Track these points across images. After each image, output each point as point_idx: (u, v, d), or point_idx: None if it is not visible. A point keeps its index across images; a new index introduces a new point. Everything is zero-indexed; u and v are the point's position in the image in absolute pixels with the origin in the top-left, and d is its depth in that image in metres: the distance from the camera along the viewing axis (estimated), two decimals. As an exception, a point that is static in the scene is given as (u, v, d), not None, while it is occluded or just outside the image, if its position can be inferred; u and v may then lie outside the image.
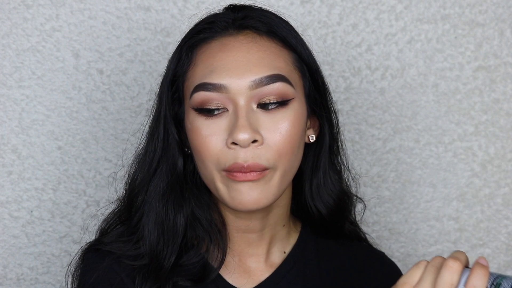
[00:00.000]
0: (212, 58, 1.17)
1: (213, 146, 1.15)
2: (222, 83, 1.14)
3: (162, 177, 1.21)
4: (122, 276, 1.20)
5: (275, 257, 1.25)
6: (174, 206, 1.20)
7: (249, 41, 1.18)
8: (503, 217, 1.65)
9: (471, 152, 1.64)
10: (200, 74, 1.17)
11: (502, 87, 1.63)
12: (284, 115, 1.15)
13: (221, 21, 1.20)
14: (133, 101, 1.58)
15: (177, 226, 1.20)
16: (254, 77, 1.15)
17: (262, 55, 1.17)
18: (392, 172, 1.64)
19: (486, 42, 1.62)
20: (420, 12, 1.61)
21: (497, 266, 1.66)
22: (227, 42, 1.18)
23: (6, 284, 1.59)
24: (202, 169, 1.18)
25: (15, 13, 1.55)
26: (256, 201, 1.15)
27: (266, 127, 1.15)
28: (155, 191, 1.20)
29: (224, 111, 1.15)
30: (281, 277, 1.24)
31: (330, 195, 1.25)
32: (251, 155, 1.13)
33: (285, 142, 1.15)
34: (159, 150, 1.21)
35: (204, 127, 1.15)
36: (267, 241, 1.24)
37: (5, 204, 1.57)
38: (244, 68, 1.15)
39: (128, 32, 1.57)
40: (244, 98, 1.14)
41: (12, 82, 1.56)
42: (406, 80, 1.62)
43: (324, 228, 1.27)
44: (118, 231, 1.24)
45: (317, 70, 1.23)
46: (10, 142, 1.57)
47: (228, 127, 1.14)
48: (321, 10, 1.60)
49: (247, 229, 1.22)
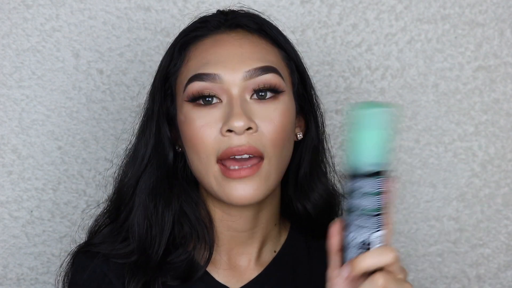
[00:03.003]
0: (205, 52, 1.20)
1: (208, 136, 1.16)
2: (217, 73, 1.17)
3: (152, 172, 1.22)
4: (111, 277, 1.20)
5: (266, 256, 1.26)
6: (163, 201, 1.22)
7: (241, 37, 1.21)
8: (503, 217, 1.66)
9: (471, 152, 1.64)
10: (193, 67, 1.19)
11: (502, 87, 1.63)
12: (276, 106, 1.18)
13: (213, 20, 1.23)
14: (133, 101, 1.58)
15: (165, 220, 1.21)
16: (248, 68, 1.17)
17: (254, 49, 1.20)
18: (392, 172, 1.64)
19: (486, 42, 1.62)
20: (420, 12, 1.61)
21: (497, 266, 1.66)
22: (220, 38, 1.21)
23: (6, 284, 1.59)
24: (196, 162, 1.19)
25: (15, 13, 1.55)
26: (251, 196, 1.16)
27: (259, 116, 1.17)
28: (145, 186, 1.22)
29: (218, 102, 1.17)
30: (270, 276, 1.24)
31: (315, 194, 1.27)
32: (246, 140, 1.15)
33: (277, 131, 1.17)
34: (150, 146, 1.23)
35: (198, 118, 1.17)
36: (259, 240, 1.25)
37: (5, 204, 1.57)
38: (237, 60, 1.18)
39: (128, 32, 1.57)
40: (238, 89, 1.17)
41: (12, 82, 1.56)
42: (406, 80, 1.62)
43: (310, 227, 1.28)
44: (106, 231, 1.25)
45: (304, 70, 1.26)
46: (10, 142, 1.57)
47: (223, 116, 1.16)
48: (321, 10, 1.60)
49: (237, 227, 1.23)
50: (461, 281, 1.66)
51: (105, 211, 1.28)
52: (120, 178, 1.27)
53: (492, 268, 1.66)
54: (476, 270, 1.66)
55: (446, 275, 1.66)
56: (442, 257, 1.66)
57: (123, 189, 1.25)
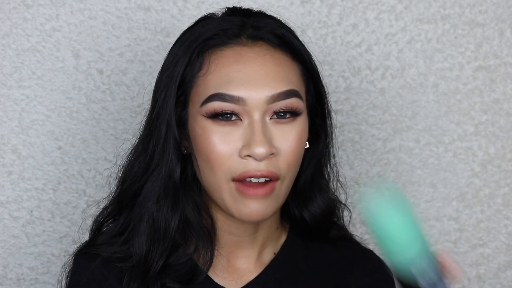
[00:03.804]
0: (227, 68, 1.16)
1: (226, 156, 1.14)
2: (240, 96, 1.14)
3: (159, 178, 1.19)
4: (110, 279, 1.20)
5: (266, 258, 1.25)
6: (169, 208, 1.19)
7: (264, 53, 1.18)
8: (503, 217, 1.65)
9: (471, 152, 1.64)
10: (214, 83, 1.16)
11: (502, 87, 1.63)
12: (293, 127, 1.16)
13: (231, 27, 1.19)
14: (133, 101, 1.58)
15: (170, 228, 1.19)
16: (272, 92, 1.15)
17: (278, 68, 1.17)
18: (392, 172, 1.64)
19: (486, 42, 1.62)
20: (420, 12, 1.61)
21: (497, 266, 1.66)
22: (242, 52, 1.17)
23: (6, 284, 1.59)
24: (209, 176, 1.17)
25: (15, 13, 1.55)
26: (263, 215, 1.16)
27: (277, 138, 1.15)
28: (151, 191, 1.20)
29: (238, 120, 1.15)
30: (269, 277, 1.24)
31: (313, 205, 1.26)
32: (265, 166, 1.14)
33: (293, 153, 1.16)
34: (159, 150, 1.19)
35: (217, 134, 1.15)
36: (260, 243, 1.24)
37: (5, 204, 1.57)
38: (261, 82, 1.15)
39: (128, 32, 1.57)
40: (260, 112, 1.15)
41: (12, 82, 1.56)
42: (406, 80, 1.62)
43: (307, 231, 1.28)
44: (108, 232, 1.23)
45: (320, 82, 1.23)
46: (10, 142, 1.57)
47: (242, 137, 1.14)
48: (321, 10, 1.60)
49: (238, 233, 1.22)
50: (461, 281, 1.66)
51: (107, 210, 1.26)
52: (123, 179, 1.24)
53: (492, 268, 1.66)
54: (476, 270, 1.66)
55: (446, 275, 1.66)
56: (442, 257, 1.66)
57: (127, 192, 1.22)
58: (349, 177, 1.62)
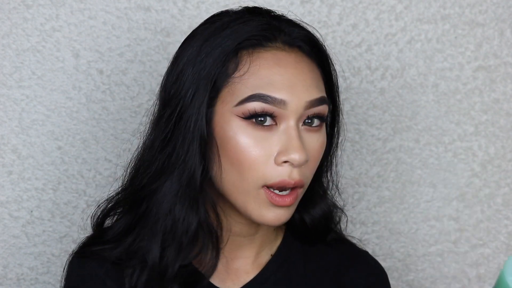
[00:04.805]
0: (268, 70, 1.15)
1: (261, 162, 1.13)
2: (283, 99, 1.13)
3: (181, 178, 1.16)
4: (106, 280, 1.19)
5: (263, 260, 1.26)
6: (188, 209, 1.17)
7: (300, 60, 1.18)
8: (503, 217, 1.65)
9: (471, 152, 1.64)
10: (254, 83, 1.14)
11: (502, 87, 1.63)
12: (319, 136, 1.18)
13: (268, 29, 1.17)
14: (133, 101, 1.58)
15: (190, 230, 1.17)
16: (310, 98, 1.15)
17: (311, 75, 1.17)
18: (392, 172, 1.64)
19: (486, 42, 1.62)
20: (420, 12, 1.61)
21: (497, 266, 1.66)
22: (281, 57, 1.17)
23: (6, 284, 1.59)
24: (235, 180, 1.15)
25: (15, 13, 1.55)
26: (284, 220, 1.17)
27: (307, 146, 1.16)
28: (170, 191, 1.16)
29: (273, 125, 1.14)
30: (266, 278, 1.24)
31: (316, 209, 1.26)
32: (299, 173, 1.14)
33: (316, 161, 1.18)
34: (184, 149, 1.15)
35: (252, 138, 1.13)
36: (258, 244, 1.25)
37: (5, 204, 1.57)
38: (301, 88, 1.15)
39: (128, 32, 1.57)
40: (297, 117, 1.15)
41: (12, 82, 1.56)
42: (406, 80, 1.62)
43: (304, 234, 1.28)
44: (113, 230, 1.22)
45: (338, 91, 1.24)
46: (10, 142, 1.57)
47: (279, 143, 1.14)
48: (321, 10, 1.60)
49: (239, 232, 1.22)
50: (461, 281, 1.66)
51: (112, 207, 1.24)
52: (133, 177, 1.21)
53: (492, 268, 1.66)
54: (476, 270, 1.66)
55: (446, 275, 1.66)
56: (442, 257, 1.66)
57: (143, 190, 1.19)
58: (349, 177, 1.63)
